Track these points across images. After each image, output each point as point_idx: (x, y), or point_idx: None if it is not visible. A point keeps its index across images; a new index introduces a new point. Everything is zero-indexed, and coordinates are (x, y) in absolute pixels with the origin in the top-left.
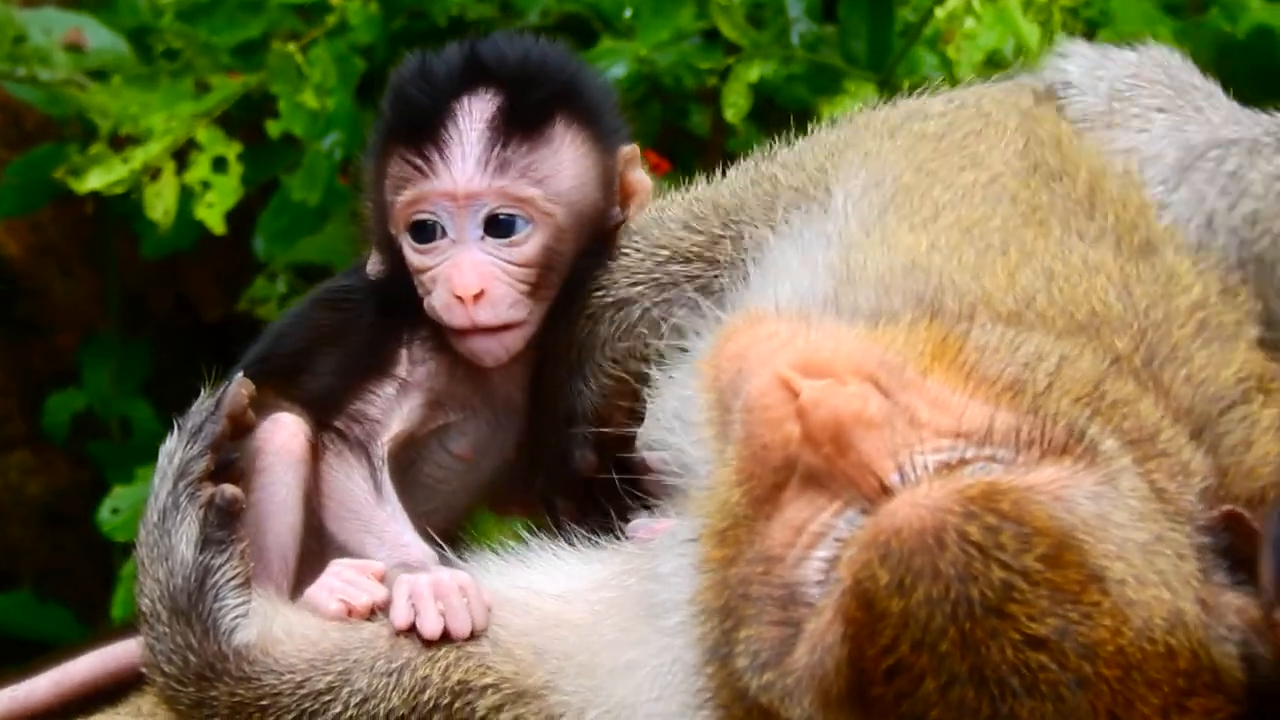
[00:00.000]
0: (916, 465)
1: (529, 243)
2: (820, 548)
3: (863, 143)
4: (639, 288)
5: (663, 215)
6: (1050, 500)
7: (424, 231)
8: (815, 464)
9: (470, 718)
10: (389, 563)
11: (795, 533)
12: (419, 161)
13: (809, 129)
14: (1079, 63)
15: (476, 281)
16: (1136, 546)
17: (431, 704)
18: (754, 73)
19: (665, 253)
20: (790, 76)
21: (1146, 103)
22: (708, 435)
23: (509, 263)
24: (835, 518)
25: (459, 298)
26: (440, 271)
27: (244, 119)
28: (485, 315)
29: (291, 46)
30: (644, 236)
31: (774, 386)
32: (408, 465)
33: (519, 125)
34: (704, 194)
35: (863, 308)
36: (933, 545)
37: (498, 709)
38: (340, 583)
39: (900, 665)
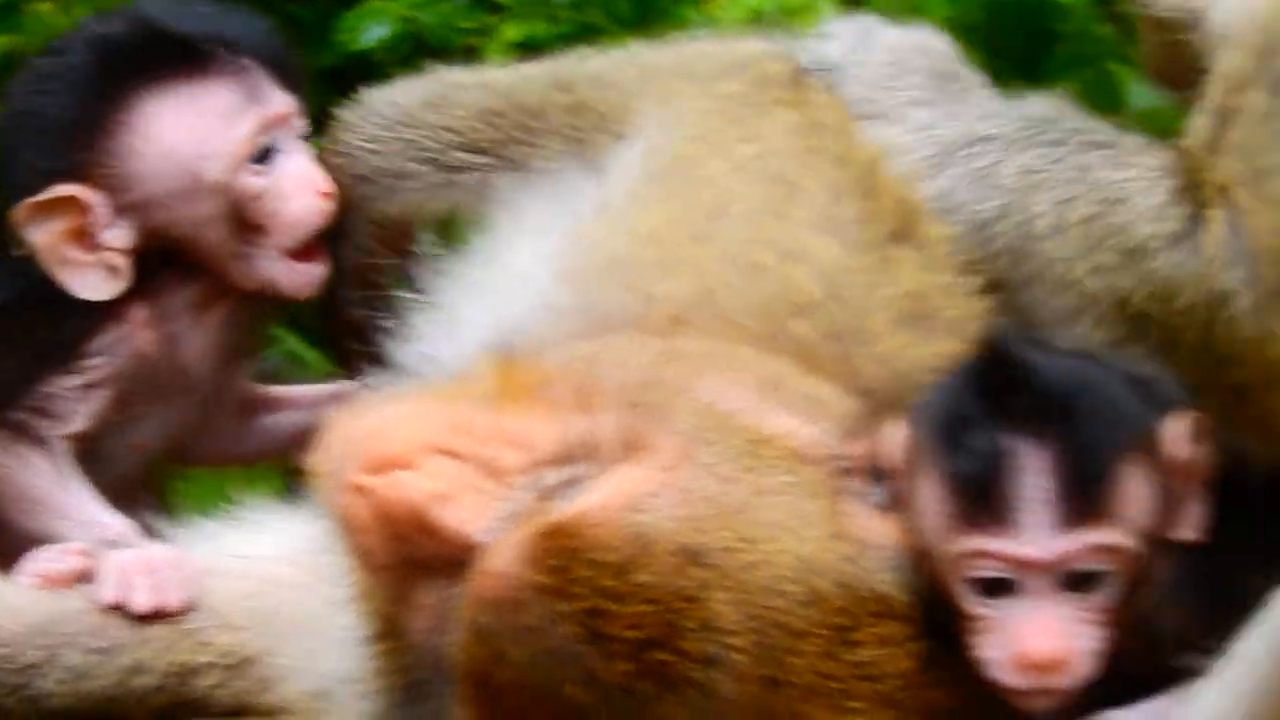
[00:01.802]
0: (505, 518)
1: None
2: (450, 631)
3: (674, 86)
4: (421, 165)
5: (459, 96)
6: (613, 510)
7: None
8: (418, 555)
9: (189, 697)
10: (89, 541)
11: (432, 619)
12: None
13: None
14: (840, 46)
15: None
16: (735, 508)
17: (151, 687)
18: (516, 31)
19: (454, 138)
20: (554, 35)
21: (906, 95)
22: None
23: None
24: (455, 598)
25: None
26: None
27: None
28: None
29: (48, 6)
30: (436, 111)
31: (352, 498)
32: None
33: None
34: (506, 84)
35: (568, 305)
36: (512, 608)
37: (219, 685)
38: (38, 563)
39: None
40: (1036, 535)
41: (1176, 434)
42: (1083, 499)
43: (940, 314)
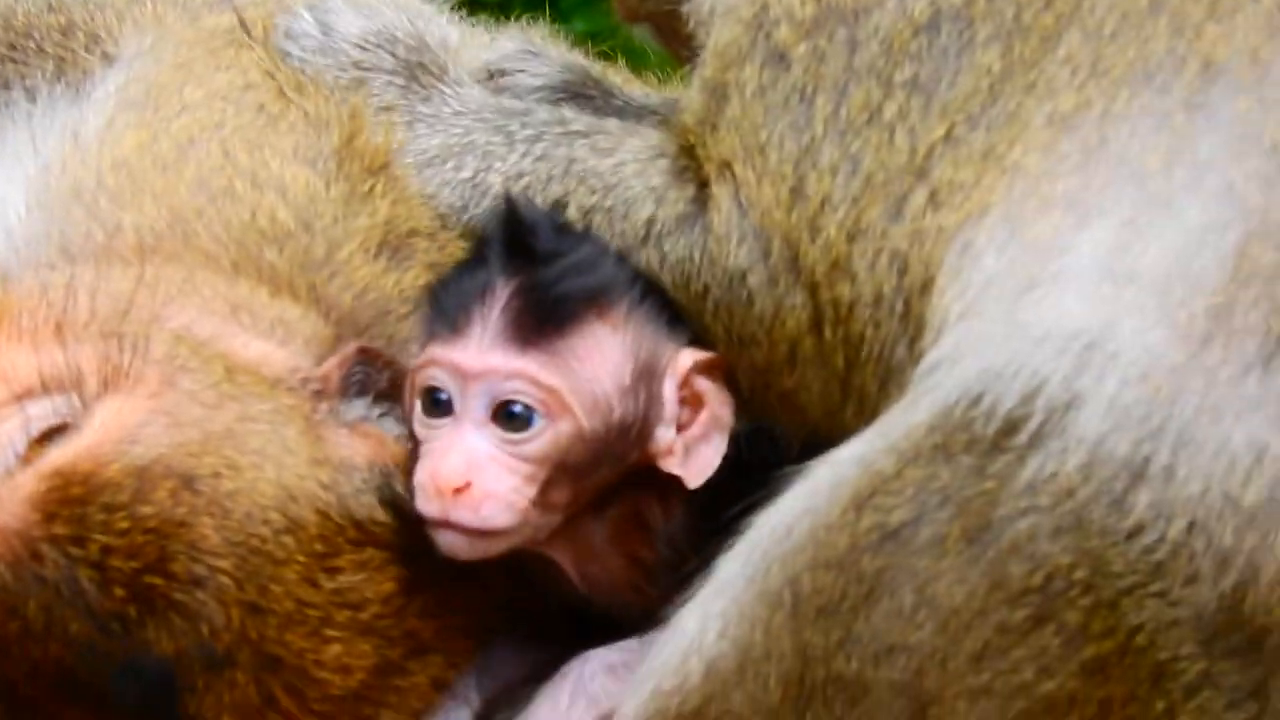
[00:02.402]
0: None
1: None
2: None
3: (161, 12)
4: None
5: None
6: (110, 445)
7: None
8: None
9: None
10: None
11: None
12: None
13: None
14: (303, 46)
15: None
16: (221, 434)
17: None
18: None
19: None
20: None
21: (376, 100)
22: None
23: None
24: None
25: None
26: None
27: None
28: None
29: None
30: None
31: None
32: None
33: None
34: None
35: (38, 234)
36: (29, 562)
37: None
38: None
39: (29, 666)
40: (476, 346)
41: (686, 360)
42: (527, 329)
43: (414, 245)
